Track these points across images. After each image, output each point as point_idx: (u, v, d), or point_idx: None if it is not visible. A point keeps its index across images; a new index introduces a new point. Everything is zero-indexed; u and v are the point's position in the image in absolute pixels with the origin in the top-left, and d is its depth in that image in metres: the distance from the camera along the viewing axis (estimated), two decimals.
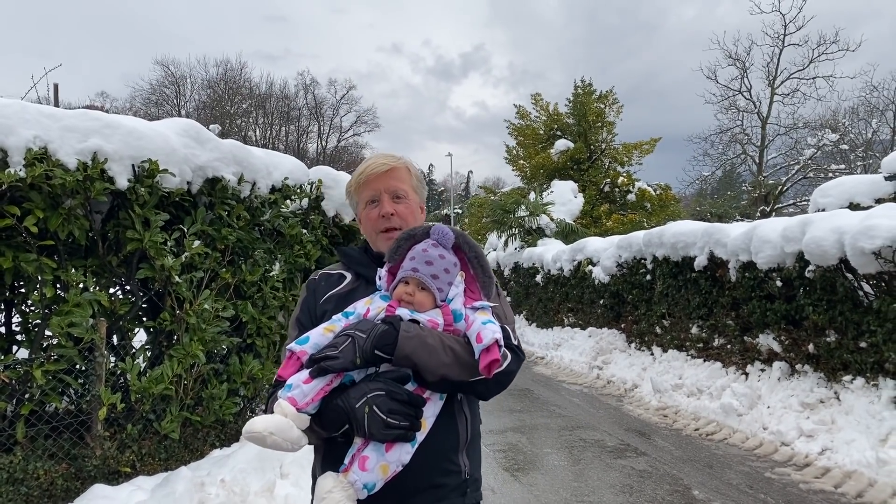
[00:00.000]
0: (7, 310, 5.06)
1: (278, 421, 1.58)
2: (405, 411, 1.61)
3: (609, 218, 22.43)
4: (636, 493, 5.64)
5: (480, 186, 40.44)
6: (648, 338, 11.20)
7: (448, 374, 1.69)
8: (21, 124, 4.34)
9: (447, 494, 1.80)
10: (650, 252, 10.93)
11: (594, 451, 6.93)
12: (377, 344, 1.63)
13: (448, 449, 1.81)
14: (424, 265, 1.78)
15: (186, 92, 53.08)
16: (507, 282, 19.21)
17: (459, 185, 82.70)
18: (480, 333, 1.67)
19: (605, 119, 25.40)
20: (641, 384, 9.96)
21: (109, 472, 4.74)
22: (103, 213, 5.01)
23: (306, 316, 1.95)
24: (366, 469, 1.61)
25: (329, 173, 7.16)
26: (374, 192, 1.97)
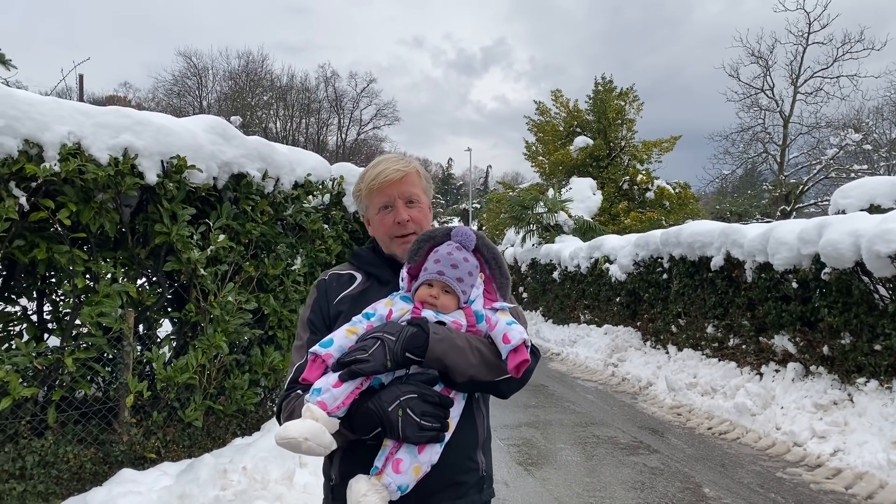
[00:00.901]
0: (39, 299, 5.24)
1: (311, 426, 1.56)
2: (437, 413, 1.63)
3: (627, 216, 22.35)
4: (647, 489, 5.72)
5: (499, 182, 40.42)
6: (664, 336, 11.22)
7: (476, 374, 1.71)
8: (56, 121, 4.49)
9: (467, 491, 1.83)
10: (667, 251, 10.95)
11: (607, 447, 7.01)
12: (408, 346, 1.63)
13: (469, 447, 1.84)
14: (450, 268, 1.79)
15: (208, 83, 53.53)
16: (524, 278, 19.25)
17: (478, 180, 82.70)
18: (507, 334, 1.70)
19: (626, 116, 25.29)
20: (656, 382, 10.00)
21: (136, 457, 4.90)
22: (132, 207, 5.16)
23: (318, 317, 1.94)
24: (400, 472, 1.62)
25: (351, 170, 7.28)
26: (388, 199, 1.96)
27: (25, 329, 5.05)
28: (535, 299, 18.27)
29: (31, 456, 4.36)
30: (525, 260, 19.09)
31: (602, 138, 24.76)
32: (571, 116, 26.30)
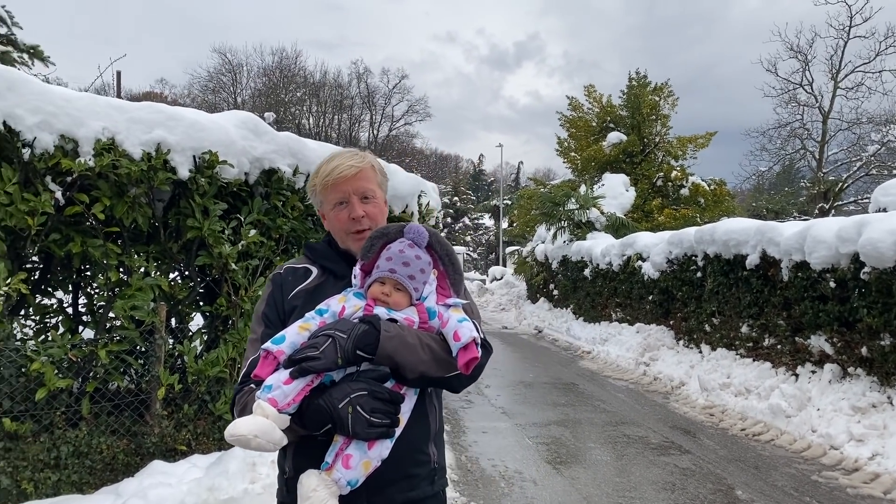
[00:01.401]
0: (75, 292, 5.34)
1: (261, 423, 1.59)
2: (387, 409, 1.65)
3: (661, 213, 22.06)
4: (679, 490, 5.64)
5: (530, 178, 40.22)
6: (697, 335, 11.08)
7: (427, 371, 1.73)
8: (91, 116, 4.57)
9: (419, 483, 1.85)
10: (701, 249, 10.80)
11: (638, 447, 6.93)
12: (359, 344, 1.66)
13: (420, 440, 1.86)
14: (402, 266, 1.80)
15: (242, 79, 54.21)
16: (554, 275, 19.14)
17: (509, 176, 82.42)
18: (458, 332, 1.72)
19: (660, 112, 24.93)
20: (688, 382, 9.87)
21: (167, 449, 4.97)
22: (165, 202, 5.22)
23: (273, 311, 1.94)
24: (350, 467, 1.65)
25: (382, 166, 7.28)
26: (343, 195, 1.96)
27: (61, 321, 5.15)
28: (565, 297, 18.15)
29: (65, 446, 4.44)
30: (556, 257, 18.97)
31: (636, 134, 24.46)
32: (605, 112, 26.03)
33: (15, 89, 4.19)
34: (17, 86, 4.20)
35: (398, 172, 7.47)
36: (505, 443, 7.01)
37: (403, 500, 1.81)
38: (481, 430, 7.51)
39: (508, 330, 18.71)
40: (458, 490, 5.51)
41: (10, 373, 4.34)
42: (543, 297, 20.40)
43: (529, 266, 22.07)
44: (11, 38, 9.43)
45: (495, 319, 21.49)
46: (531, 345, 15.52)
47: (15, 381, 4.38)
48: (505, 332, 18.30)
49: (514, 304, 23.60)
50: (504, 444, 6.97)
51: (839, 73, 30.37)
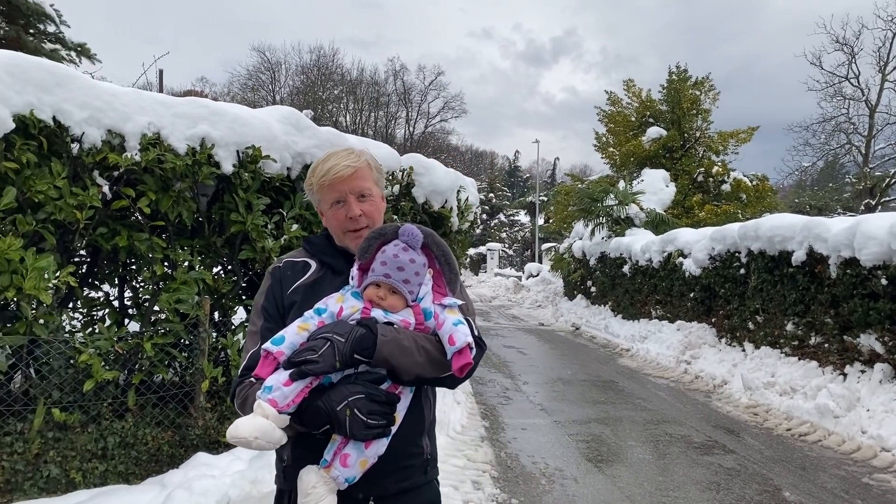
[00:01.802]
0: (121, 285, 5.42)
1: (261, 424, 1.64)
2: (383, 411, 1.71)
3: (702, 209, 21.70)
4: (723, 490, 5.53)
5: (567, 174, 39.95)
6: (740, 333, 10.88)
7: (422, 372, 1.78)
8: (137, 111, 4.62)
9: (412, 474, 1.92)
10: (745, 245, 10.60)
11: (680, 446, 6.82)
12: (356, 348, 1.70)
13: (414, 434, 1.92)
14: (396, 271, 1.83)
15: (281, 77, 54.78)
16: (592, 272, 18.96)
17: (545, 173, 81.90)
18: (453, 336, 1.77)
19: (701, 106, 24.50)
20: (731, 380, 9.69)
21: (210, 441, 5.02)
22: (209, 197, 5.27)
23: (272, 305, 1.99)
24: (347, 465, 1.72)
25: (420, 161, 7.27)
26: (340, 194, 1.98)
27: (108, 314, 5.24)
28: (603, 294, 17.97)
29: (112, 437, 4.51)
30: (594, 253, 18.79)
31: (676, 129, 24.08)
32: (644, 106, 25.68)
33: (64, 85, 4.25)
34: (65, 81, 4.26)
35: (437, 167, 7.44)
36: (544, 440, 6.95)
37: (397, 491, 1.89)
38: (520, 426, 7.46)
39: (545, 327, 18.59)
40: (497, 487, 5.48)
41: (59, 364, 4.43)
42: (581, 294, 20.23)
43: (566, 263, 21.89)
44: (60, 36, 9.66)
45: (532, 316, 21.38)
46: (568, 342, 15.39)
47: (64, 372, 4.46)
48: (541, 328, 18.19)
49: (551, 301, 23.44)
50: (544, 441, 6.91)
51: (887, 66, 29.54)
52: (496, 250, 47.77)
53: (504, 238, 56.51)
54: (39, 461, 4.24)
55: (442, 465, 5.91)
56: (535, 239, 43.41)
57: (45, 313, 4.32)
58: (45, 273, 4.14)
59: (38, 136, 4.17)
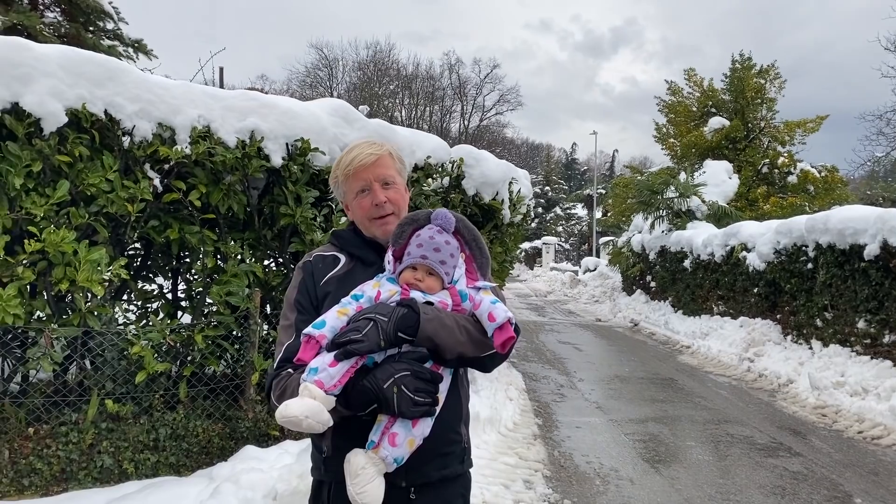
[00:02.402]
0: (174, 278, 5.47)
1: (310, 404, 1.64)
2: (429, 389, 1.73)
3: (766, 201, 20.98)
4: (789, 495, 5.26)
5: (626, 166, 39.23)
6: (807, 330, 10.44)
7: (464, 351, 1.81)
8: (187, 104, 4.64)
9: (451, 462, 1.95)
10: (813, 238, 10.16)
11: (742, 447, 6.54)
12: (400, 326, 1.72)
13: (454, 421, 1.95)
14: (433, 252, 1.87)
15: (338, 74, 55.36)
16: (651, 266, 18.55)
17: (603, 165, 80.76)
18: (493, 313, 1.80)
19: (765, 95, 23.67)
20: (797, 379, 9.29)
21: (260, 434, 5.02)
22: (259, 189, 5.27)
23: (305, 298, 2.00)
24: (396, 445, 1.73)
25: (470, 152, 7.16)
26: (364, 182, 2.01)
27: (161, 306, 5.29)
28: (663, 289, 17.54)
29: (163, 428, 4.55)
30: (653, 247, 18.36)
31: (739, 119, 23.33)
32: (706, 96, 24.96)
33: (115, 78, 4.29)
34: (116, 75, 4.30)
35: (488, 159, 7.32)
36: (600, 439, 6.76)
37: (439, 479, 1.91)
38: (574, 425, 7.29)
39: (602, 322, 18.26)
40: (550, 486, 5.33)
41: (113, 356, 4.48)
42: (640, 289, 19.82)
43: (625, 257, 21.46)
44: (118, 32, 9.91)
45: (588, 311, 21.04)
46: (626, 338, 15.07)
47: (117, 363, 4.52)
48: (598, 324, 17.87)
49: (609, 297, 23.03)
50: (599, 440, 6.73)
51: None
52: (552, 244, 47.31)
53: (560, 232, 55.92)
54: (93, 451, 4.30)
55: (492, 462, 5.82)
56: (592, 232, 42.77)
57: (98, 305, 4.38)
58: (97, 265, 4.20)
59: (91, 130, 4.22)
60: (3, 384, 4.29)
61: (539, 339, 14.06)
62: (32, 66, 3.99)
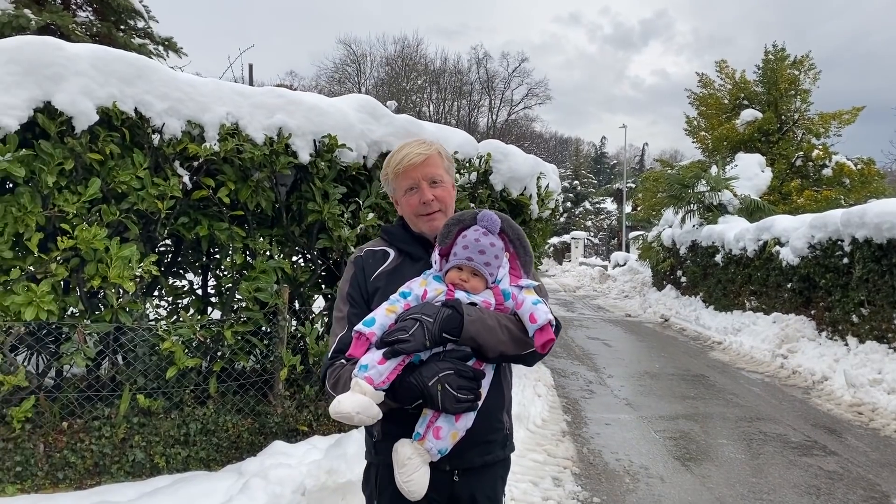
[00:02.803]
0: (204, 274, 5.52)
1: (361, 401, 1.76)
2: (471, 386, 1.85)
3: (800, 195, 20.55)
4: (824, 495, 5.16)
5: (656, 159, 38.74)
6: (843, 326, 10.22)
7: (505, 350, 1.92)
8: (215, 102, 4.67)
9: (493, 448, 2.08)
10: (849, 233, 9.93)
11: (775, 445, 6.43)
12: (444, 327, 1.83)
13: (496, 410, 2.08)
14: (478, 254, 1.95)
15: (366, 69, 55.47)
16: (682, 261, 18.32)
17: (633, 159, 79.94)
18: (534, 314, 1.91)
19: (799, 86, 23.16)
20: (832, 377, 9.11)
21: (289, 429, 5.05)
22: (287, 186, 5.29)
23: (357, 291, 2.12)
24: (440, 438, 1.86)
25: (498, 147, 7.11)
26: (413, 181, 2.11)
27: (191, 302, 5.34)
28: (694, 284, 17.32)
29: (194, 423, 4.59)
30: (684, 242, 18.13)
31: (772, 111, 22.89)
32: (738, 88, 24.51)
33: (144, 76, 4.32)
34: (145, 73, 4.34)
35: (516, 153, 7.26)
36: (629, 436, 6.69)
37: (481, 464, 2.05)
38: (604, 421, 7.22)
39: (632, 318, 18.09)
40: (579, 484, 5.29)
41: (144, 351, 4.53)
42: (670, 285, 19.58)
43: (655, 252, 21.21)
44: (148, 31, 10.03)
45: (618, 307, 20.85)
46: (656, 334, 14.90)
47: (148, 359, 4.57)
48: (628, 319, 17.70)
49: (638, 292, 22.79)
50: (628, 437, 6.66)
51: None
52: (581, 239, 46.97)
53: (589, 226, 55.51)
54: (125, 445, 4.36)
55: (521, 459, 5.78)
56: (621, 227, 42.38)
57: (130, 301, 4.43)
58: (128, 262, 4.24)
59: (121, 128, 4.26)
60: (38, 379, 4.36)
61: (568, 335, 13.96)
62: (64, 65, 4.04)
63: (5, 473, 4.05)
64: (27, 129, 4.03)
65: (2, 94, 3.87)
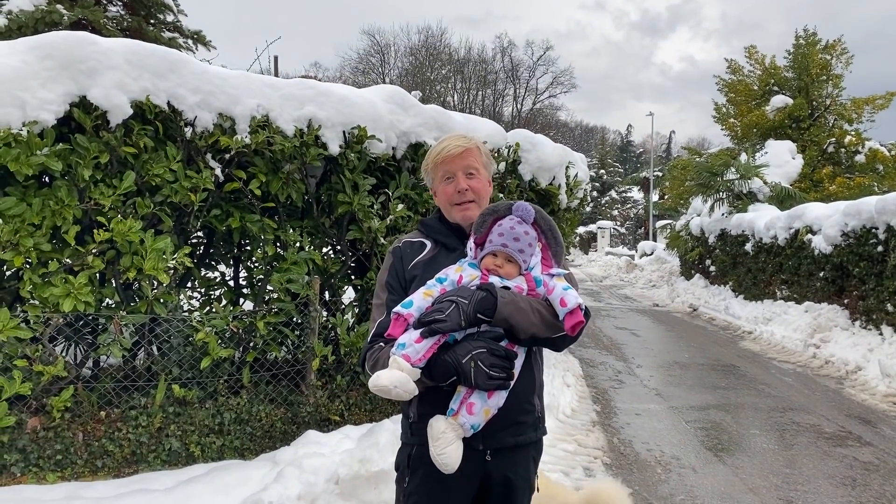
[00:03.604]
0: (236, 266, 5.58)
1: (398, 376, 1.86)
2: (503, 365, 1.93)
3: (833, 182, 20.18)
4: (860, 486, 5.08)
5: (684, 147, 38.31)
6: (877, 316, 10.04)
7: (537, 332, 2.00)
8: (246, 94, 4.69)
9: (525, 430, 2.15)
10: (884, 220, 9.75)
11: (809, 436, 6.35)
12: (479, 308, 1.92)
13: (527, 392, 2.15)
14: (513, 241, 2.05)
15: (390, 60, 55.45)
16: (711, 250, 18.11)
17: (660, 147, 79.04)
18: (564, 298, 1.99)
19: (831, 71, 22.70)
20: (866, 366, 8.96)
21: (321, 419, 5.09)
22: (317, 178, 5.31)
23: (395, 279, 2.23)
24: (473, 413, 1.95)
25: (527, 137, 7.07)
26: (450, 170, 2.23)
27: (224, 294, 5.40)
28: (723, 273, 17.12)
29: (228, 413, 4.65)
30: (713, 231, 17.91)
31: (803, 97, 22.47)
32: (767, 74, 24.08)
33: (176, 70, 4.36)
34: (178, 67, 4.37)
35: (545, 143, 7.22)
36: (660, 426, 6.65)
37: (513, 444, 2.13)
38: (634, 411, 7.18)
39: (660, 307, 17.94)
40: (611, 474, 5.27)
41: (178, 342, 4.60)
42: (699, 274, 19.38)
43: (683, 241, 20.99)
44: (177, 24, 10.13)
45: (645, 297, 20.69)
46: (685, 323, 14.77)
47: (182, 349, 4.63)
48: (656, 309, 17.56)
49: (666, 281, 22.59)
50: (659, 427, 6.62)
51: None
52: (607, 228, 46.62)
53: (615, 216, 55.06)
54: (161, 434, 4.43)
55: (551, 448, 5.77)
56: (648, 216, 41.99)
57: (164, 293, 4.49)
58: (163, 254, 4.30)
59: (154, 121, 4.31)
60: (77, 369, 4.44)
61: (595, 325, 13.90)
62: (99, 59, 4.09)
63: (46, 462, 4.14)
64: (63, 124, 4.10)
65: (38, 89, 3.93)
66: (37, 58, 4.00)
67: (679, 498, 4.86)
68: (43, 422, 4.18)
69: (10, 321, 3.89)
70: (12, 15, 8.75)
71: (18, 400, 4.15)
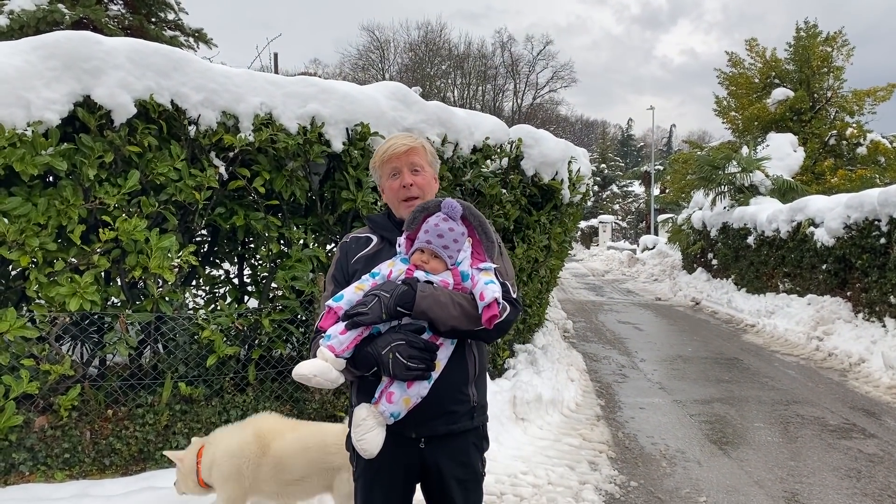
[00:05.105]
0: (240, 263, 5.58)
1: (320, 365, 1.98)
2: (422, 356, 2.03)
3: (834, 174, 20.18)
4: (864, 478, 5.10)
5: (685, 141, 38.26)
6: (880, 308, 10.06)
7: (457, 325, 2.08)
8: (249, 92, 4.69)
9: (459, 418, 2.23)
10: (886, 212, 9.76)
11: (813, 428, 6.36)
12: (398, 302, 2.03)
13: (459, 382, 2.22)
14: (436, 238, 2.13)
15: (390, 56, 55.40)
16: (713, 243, 18.11)
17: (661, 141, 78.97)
18: (483, 293, 2.05)
19: (832, 63, 22.67)
20: (870, 359, 8.97)
21: (326, 415, 5.11)
22: (321, 175, 5.31)
23: (340, 273, 2.33)
24: (392, 402, 2.04)
25: (529, 132, 7.06)
26: (396, 168, 2.31)
27: (228, 291, 5.41)
28: (725, 266, 17.12)
29: (234, 410, 4.67)
30: (715, 224, 17.91)
31: (804, 89, 22.45)
32: (768, 67, 24.06)
33: (180, 69, 4.36)
34: (181, 65, 4.37)
35: (547, 138, 7.21)
36: (664, 420, 6.66)
37: (446, 432, 2.21)
38: (638, 405, 7.20)
39: (662, 301, 17.95)
40: (615, 468, 5.29)
41: (184, 340, 4.61)
42: (701, 268, 19.39)
43: (685, 234, 21.00)
44: (179, 23, 10.13)
45: (647, 291, 20.70)
46: (688, 317, 14.77)
47: (188, 347, 4.64)
48: (658, 303, 17.57)
49: (668, 275, 22.60)
50: (663, 421, 6.63)
51: None
52: (608, 223, 46.59)
53: (617, 210, 55.02)
54: (168, 432, 4.45)
55: (556, 443, 5.80)
56: (650, 210, 41.96)
57: (170, 291, 4.50)
58: (168, 252, 4.31)
59: (158, 120, 4.31)
60: (83, 368, 4.46)
61: (598, 320, 13.91)
62: (102, 59, 4.09)
63: (54, 460, 4.16)
64: (68, 123, 4.10)
65: (43, 89, 3.94)
66: (40, 58, 4.00)
67: (685, 491, 4.88)
68: (50, 420, 4.19)
69: (16, 321, 3.91)
70: (14, 15, 8.75)
71: (26, 399, 4.17)
